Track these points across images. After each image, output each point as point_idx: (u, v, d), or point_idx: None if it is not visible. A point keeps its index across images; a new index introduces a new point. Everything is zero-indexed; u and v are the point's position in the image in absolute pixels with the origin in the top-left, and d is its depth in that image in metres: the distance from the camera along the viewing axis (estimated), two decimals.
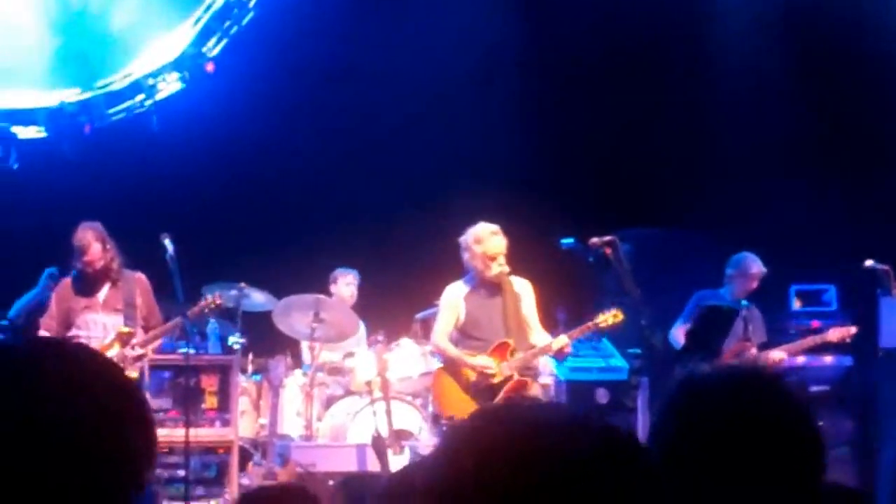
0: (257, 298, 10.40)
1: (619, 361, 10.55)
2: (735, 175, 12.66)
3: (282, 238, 12.03)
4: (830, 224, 11.79)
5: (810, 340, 10.38)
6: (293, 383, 10.40)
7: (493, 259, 8.89)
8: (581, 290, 11.15)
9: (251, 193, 12.70)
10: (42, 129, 12.91)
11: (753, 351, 10.16)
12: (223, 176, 12.61)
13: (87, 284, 9.09)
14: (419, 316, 10.91)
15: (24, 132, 12.92)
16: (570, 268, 10.13)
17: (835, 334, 10.34)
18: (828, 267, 11.58)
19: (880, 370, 10.63)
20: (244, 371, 10.46)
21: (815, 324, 11.36)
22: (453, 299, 9.15)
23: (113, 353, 8.76)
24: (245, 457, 10.07)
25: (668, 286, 10.60)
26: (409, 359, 10.42)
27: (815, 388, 10.71)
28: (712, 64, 13.01)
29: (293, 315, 10.28)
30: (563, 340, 8.85)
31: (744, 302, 10.33)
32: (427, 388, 10.37)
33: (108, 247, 9.04)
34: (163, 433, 8.74)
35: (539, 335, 9.08)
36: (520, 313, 9.02)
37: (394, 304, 11.22)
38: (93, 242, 8.94)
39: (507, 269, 8.94)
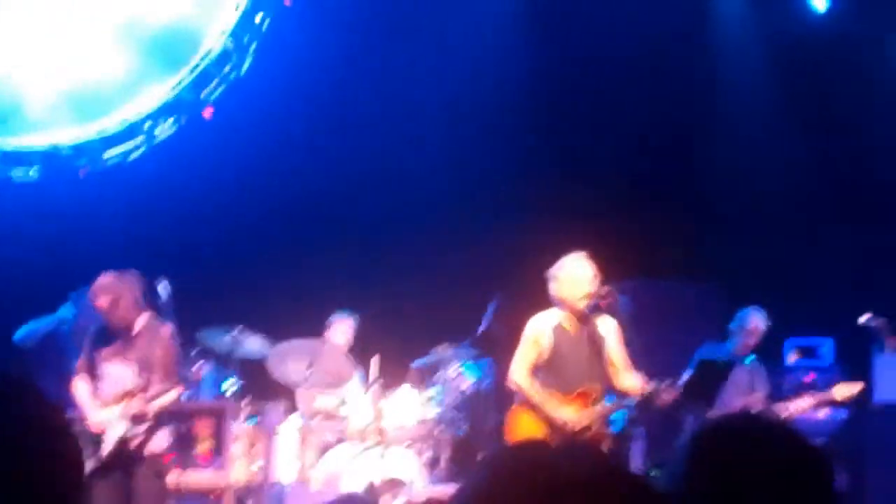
0: (252, 345, 10.31)
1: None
2: (732, 227, 12.70)
3: (279, 281, 11.96)
4: (828, 276, 11.83)
5: (819, 396, 10.14)
6: (289, 429, 10.33)
7: (579, 283, 8.37)
8: None
9: (247, 237, 12.65)
10: (35, 170, 12.86)
11: (760, 405, 10.10)
12: (219, 219, 12.59)
13: (111, 332, 8.53)
14: (415, 365, 10.83)
15: (19, 174, 12.87)
16: None
17: (840, 392, 9.93)
18: (826, 320, 11.57)
19: (873, 425, 10.61)
20: (239, 416, 10.40)
21: (808, 378, 11.34)
22: (538, 331, 8.53)
23: (117, 409, 8.24)
24: (239, 502, 10.00)
25: (666, 338, 10.58)
26: (406, 406, 10.35)
27: None
28: (712, 118, 13.07)
29: (288, 362, 10.23)
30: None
31: (749, 358, 10.27)
32: (422, 436, 10.32)
33: (122, 303, 8.35)
34: None
35: (627, 378, 8.56)
36: (604, 355, 8.48)
37: (392, 350, 11.12)
38: (98, 297, 8.37)
39: (598, 289, 8.41)
